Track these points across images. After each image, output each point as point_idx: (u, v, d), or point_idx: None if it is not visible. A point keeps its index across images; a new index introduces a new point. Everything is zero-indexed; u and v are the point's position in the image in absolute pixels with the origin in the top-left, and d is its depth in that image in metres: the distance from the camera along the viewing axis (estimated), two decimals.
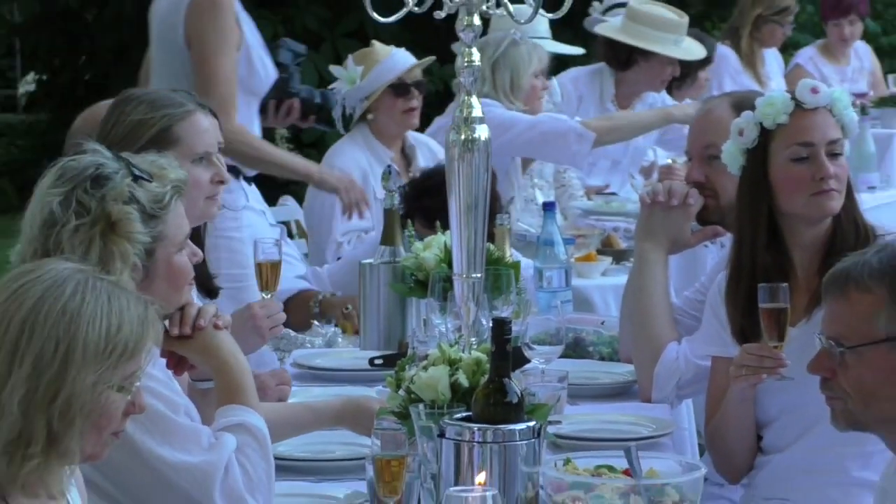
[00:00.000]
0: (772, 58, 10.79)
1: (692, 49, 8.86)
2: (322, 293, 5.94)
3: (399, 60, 6.95)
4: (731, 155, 4.58)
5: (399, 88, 6.93)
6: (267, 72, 6.57)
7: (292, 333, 5.33)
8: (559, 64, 8.81)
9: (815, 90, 4.52)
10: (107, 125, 4.72)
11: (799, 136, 4.50)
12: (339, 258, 6.62)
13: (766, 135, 4.51)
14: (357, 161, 6.80)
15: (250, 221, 6.38)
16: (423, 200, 5.83)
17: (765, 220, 4.53)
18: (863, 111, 9.70)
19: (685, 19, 8.84)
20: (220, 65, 6.32)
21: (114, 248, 3.74)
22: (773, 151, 4.52)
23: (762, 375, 4.30)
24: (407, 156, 7.32)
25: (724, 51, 10.23)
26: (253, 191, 6.67)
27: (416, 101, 7.00)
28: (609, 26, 8.77)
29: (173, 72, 6.42)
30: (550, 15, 4.27)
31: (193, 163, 4.54)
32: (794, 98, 4.51)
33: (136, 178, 3.81)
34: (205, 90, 6.00)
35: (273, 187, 8.81)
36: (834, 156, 4.51)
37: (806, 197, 4.48)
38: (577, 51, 8.87)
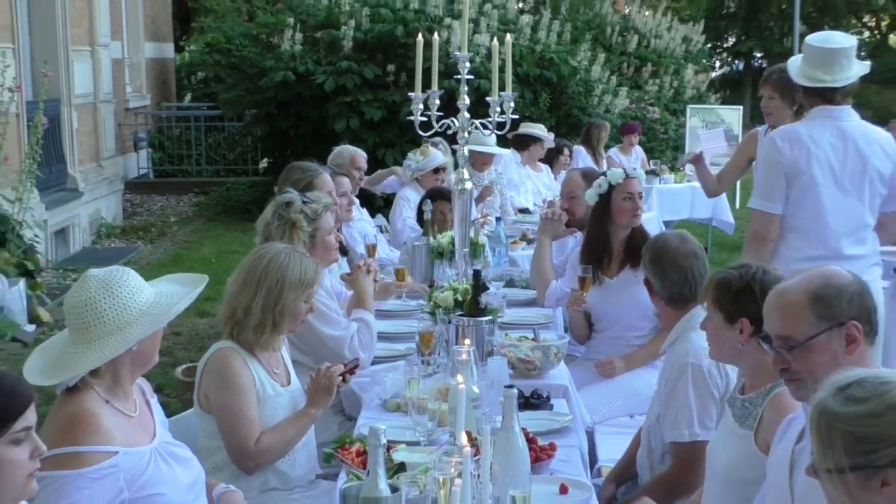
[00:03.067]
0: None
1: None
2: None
3: (437, 158, 6.85)
4: (591, 195, 4.52)
5: (436, 170, 6.86)
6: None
7: (382, 277, 5.29)
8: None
9: (633, 170, 4.55)
10: (284, 179, 4.70)
11: (627, 189, 4.46)
12: (403, 244, 6.48)
13: (611, 188, 4.47)
14: (413, 195, 6.71)
15: (361, 225, 6.34)
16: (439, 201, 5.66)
17: (597, 225, 4.48)
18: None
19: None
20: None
21: (294, 235, 3.73)
22: (614, 196, 4.46)
23: (575, 307, 4.33)
24: None
25: (579, 148, 10.03)
26: (364, 210, 6.62)
27: (442, 175, 6.87)
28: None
29: None
30: (499, 132, 4.24)
31: None
32: (625, 172, 4.51)
33: (304, 202, 3.81)
34: None
35: (373, 209, 8.75)
36: (640, 198, 4.48)
37: (629, 217, 4.45)
38: (506, 151, 8.35)
